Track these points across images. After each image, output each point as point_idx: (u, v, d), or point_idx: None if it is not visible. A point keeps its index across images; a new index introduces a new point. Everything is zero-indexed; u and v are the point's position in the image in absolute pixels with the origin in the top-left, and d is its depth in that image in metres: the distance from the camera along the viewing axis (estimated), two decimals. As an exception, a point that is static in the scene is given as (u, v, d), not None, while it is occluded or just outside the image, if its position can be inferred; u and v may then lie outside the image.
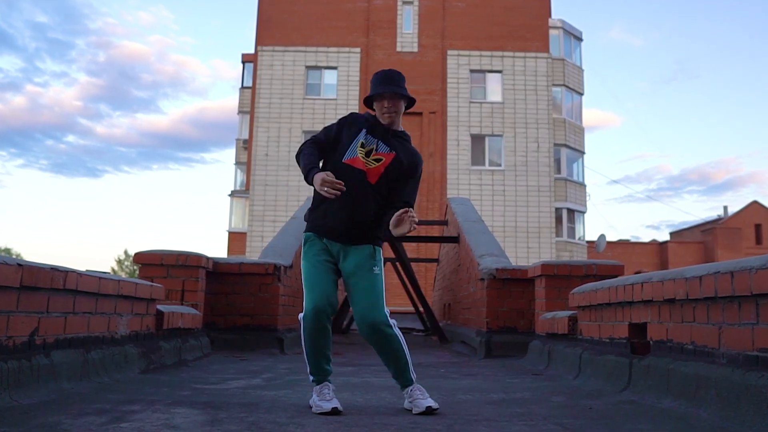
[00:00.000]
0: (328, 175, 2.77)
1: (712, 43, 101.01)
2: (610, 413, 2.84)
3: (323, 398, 2.82)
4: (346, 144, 2.99)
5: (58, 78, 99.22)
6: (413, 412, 2.83)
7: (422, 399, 2.83)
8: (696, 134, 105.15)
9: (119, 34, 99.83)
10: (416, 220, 2.77)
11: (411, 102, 3.07)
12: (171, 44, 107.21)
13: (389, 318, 2.89)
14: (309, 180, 2.88)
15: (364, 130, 2.99)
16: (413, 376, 2.96)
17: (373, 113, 3.08)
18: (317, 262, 2.92)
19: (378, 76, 3.00)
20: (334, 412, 2.74)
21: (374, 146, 2.97)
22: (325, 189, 2.77)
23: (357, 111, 25.80)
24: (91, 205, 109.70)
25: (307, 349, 2.90)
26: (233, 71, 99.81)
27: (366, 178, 2.94)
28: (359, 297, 2.88)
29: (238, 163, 30.09)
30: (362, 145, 2.96)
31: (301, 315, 2.89)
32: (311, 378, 2.94)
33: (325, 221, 2.97)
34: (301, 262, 3.00)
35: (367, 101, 3.05)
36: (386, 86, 2.95)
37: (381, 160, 2.96)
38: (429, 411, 2.77)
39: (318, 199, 3.01)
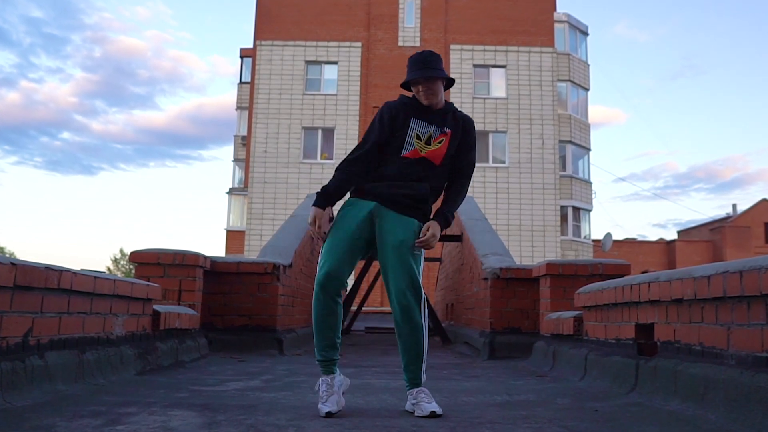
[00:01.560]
0: (318, 225, 2.89)
1: (720, 38, 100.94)
2: (617, 416, 2.83)
3: (320, 399, 2.81)
4: (401, 137, 2.98)
5: (53, 74, 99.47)
6: (416, 414, 2.82)
7: (427, 403, 2.81)
8: (703, 131, 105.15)
9: (116, 29, 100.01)
10: (430, 244, 2.92)
11: (450, 82, 3.08)
12: (168, 39, 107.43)
13: (423, 304, 2.93)
14: (315, 201, 2.94)
15: (412, 119, 2.99)
16: (424, 376, 2.95)
17: (410, 95, 3.10)
18: (347, 233, 2.91)
19: (412, 60, 3.01)
20: (328, 415, 2.71)
21: (431, 132, 3.00)
22: (310, 229, 2.91)
23: (357, 105, 25.84)
24: (87, 204, 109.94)
25: (314, 328, 2.91)
26: (232, 67, 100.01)
27: (429, 162, 2.98)
28: (398, 275, 2.87)
29: (236, 160, 30.11)
30: (418, 137, 2.98)
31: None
32: (316, 360, 2.94)
33: (381, 188, 2.95)
34: (332, 225, 2.97)
35: (404, 86, 3.08)
36: (421, 71, 2.96)
37: (442, 141, 3.00)
38: (432, 416, 2.75)
39: (383, 169, 2.98)
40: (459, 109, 3.16)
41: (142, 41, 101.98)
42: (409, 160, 2.96)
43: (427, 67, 2.96)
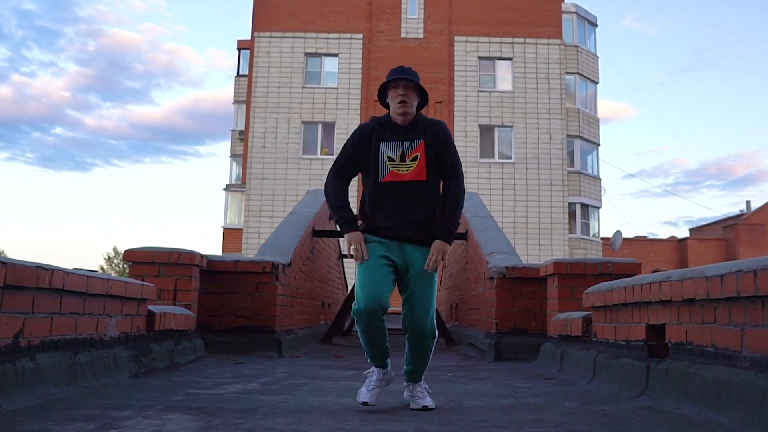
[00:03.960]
0: (357, 246, 3.06)
1: (731, 30, 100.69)
2: (626, 419, 2.83)
3: (367, 386, 3.10)
4: (373, 162, 3.14)
5: (45, 67, 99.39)
6: (410, 406, 3.12)
7: (421, 398, 3.12)
8: (715, 126, 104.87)
9: (110, 21, 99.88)
10: (438, 263, 3.09)
11: (424, 99, 3.24)
12: (164, 32, 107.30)
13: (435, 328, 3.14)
14: (343, 232, 3.12)
15: (381, 143, 3.15)
16: (424, 375, 3.22)
17: (382, 114, 3.27)
18: (373, 260, 3.07)
19: (393, 69, 3.19)
20: (364, 405, 3.02)
21: (402, 150, 3.13)
22: (352, 254, 3.08)
23: (359, 99, 25.80)
24: (80, 201, 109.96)
25: (363, 343, 3.13)
26: (229, 60, 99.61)
27: (415, 182, 3.10)
28: (416, 303, 3.09)
29: (233, 155, 30.12)
30: (390, 159, 3.12)
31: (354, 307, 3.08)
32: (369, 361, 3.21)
33: (382, 222, 3.12)
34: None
35: (381, 92, 3.22)
36: (401, 74, 3.13)
37: (417, 156, 3.12)
38: (424, 409, 3.05)
39: (370, 197, 3.15)
40: (428, 118, 3.29)
41: (137, 34, 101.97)
42: (392, 185, 3.10)
43: (407, 74, 3.13)
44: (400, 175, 3.10)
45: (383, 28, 26.28)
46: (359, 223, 3.17)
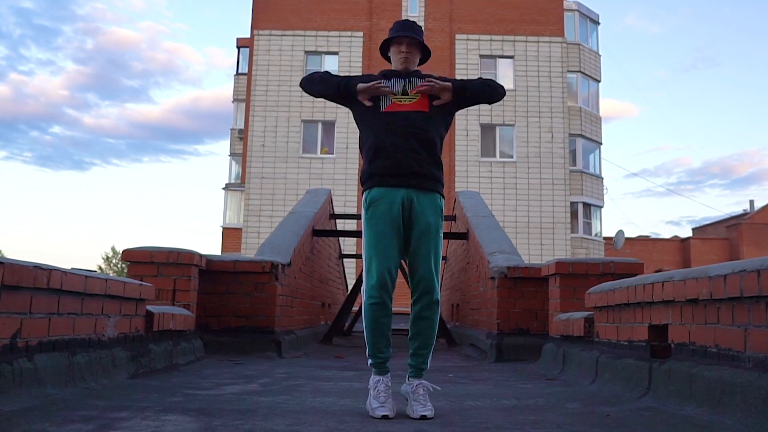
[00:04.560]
0: (371, 86, 3.06)
1: (733, 29, 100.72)
2: (629, 421, 2.83)
3: (377, 398, 2.95)
4: (375, 97, 3.14)
5: (43, 66, 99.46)
6: (407, 412, 2.97)
7: (420, 404, 2.94)
8: (718, 125, 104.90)
9: (108, 19, 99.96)
10: (434, 84, 3.05)
11: (426, 55, 3.28)
12: (163, 31, 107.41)
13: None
14: (351, 89, 3.10)
15: (384, 81, 3.14)
16: (429, 364, 3.14)
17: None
18: (383, 228, 3.04)
19: (397, 24, 3.21)
20: (384, 418, 2.86)
21: (404, 84, 3.13)
22: (371, 93, 3.06)
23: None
24: (78, 200, 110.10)
25: (367, 327, 3.06)
26: (229, 59, 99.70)
27: (417, 111, 3.08)
28: (422, 262, 3.04)
29: (232, 154, 30.12)
30: (393, 94, 3.11)
31: (362, 289, 3.07)
32: (369, 361, 3.10)
33: (384, 160, 3.06)
34: (363, 227, 3.12)
35: (384, 47, 3.25)
36: (405, 32, 3.16)
37: (418, 93, 3.11)
38: (422, 418, 2.88)
39: (371, 147, 3.12)
40: None
41: (136, 32, 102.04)
42: (393, 116, 3.08)
43: (412, 32, 3.17)
44: (401, 106, 3.08)
45: (384, 26, 26.24)
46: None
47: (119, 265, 57.32)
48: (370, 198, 3.09)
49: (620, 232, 30.08)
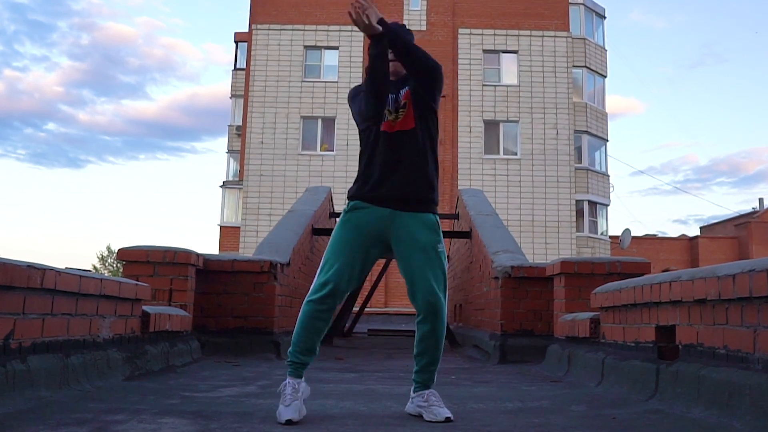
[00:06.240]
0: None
1: (740, 24, 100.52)
2: (635, 423, 2.83)
3: (283, 401, 2.83)
4: None
5: (38, 62, 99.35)
6: (425, 418, 2.90)
7: (439, 407, 2.91)
8: (725, 122, 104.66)
9: (104, 15, 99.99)
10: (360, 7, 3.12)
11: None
12: (160, 26, 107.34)
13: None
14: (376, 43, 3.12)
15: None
16: (435, 377, 3.09)
17: None
18: (354, 235, 3.00)
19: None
20: (287, 423, 2.73)
21: (395, 98, 3.09)
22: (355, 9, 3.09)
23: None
24: (73, 198, 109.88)
25: (300, 326, 2.97)
26: (226, 55, 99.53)
27: (402, 130, 3.04)
28: (425, 279, 2.96)
29: (230, 151, 30.12)
30: (388, 112, 3.07)
31: (311, 288, 3.03)
32: (288, 359, 3.00)
33: (374, 184, 3.03)
34: (334, 229, 3.09)
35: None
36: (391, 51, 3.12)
37: (406, 103, 3.08)
38: (447, 421, 2.83)
39: (363, 166, 3.10)
40: None
41: (132, 28, 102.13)
42: (382, 137, 3.04)
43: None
44: (389, 126, 3.05)
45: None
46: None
47: (115, 265, 57.34)
48: (353, 205, 3.06)
49: (627, 231, 30.06)
